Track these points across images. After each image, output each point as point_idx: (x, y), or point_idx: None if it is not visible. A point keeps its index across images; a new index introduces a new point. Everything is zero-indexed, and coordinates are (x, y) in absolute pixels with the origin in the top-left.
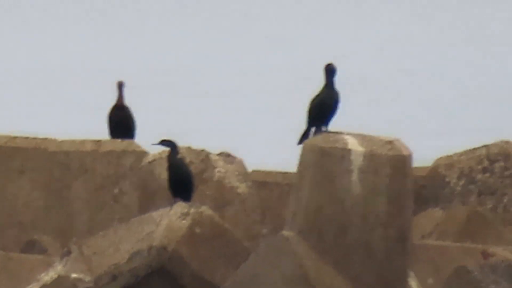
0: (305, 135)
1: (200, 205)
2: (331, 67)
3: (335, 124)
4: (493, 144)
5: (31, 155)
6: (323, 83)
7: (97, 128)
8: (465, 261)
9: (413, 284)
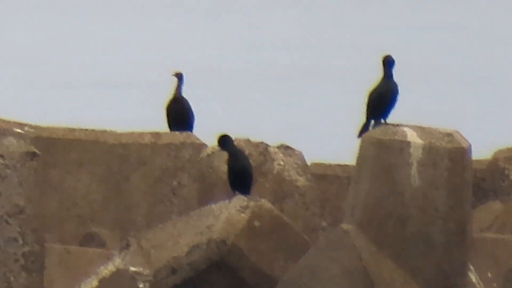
0: (364, 127)
1: (259, 198)
2: (389, 59)
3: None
4: None
5: (90, 148)
6: (381, 75)
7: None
8: None
9: (473, 277)
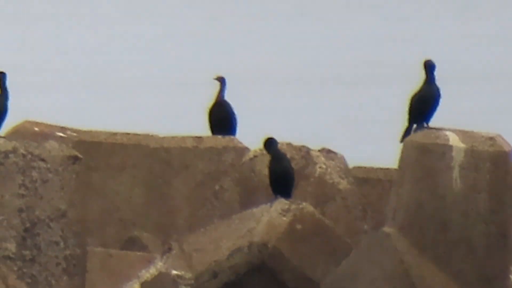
0: (407, 131)
1: (301, 201)
2: (430, 63)
3: (436, 119)
4: None
5: (132, 152)
6: (422, 79)
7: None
8: None
9: None
